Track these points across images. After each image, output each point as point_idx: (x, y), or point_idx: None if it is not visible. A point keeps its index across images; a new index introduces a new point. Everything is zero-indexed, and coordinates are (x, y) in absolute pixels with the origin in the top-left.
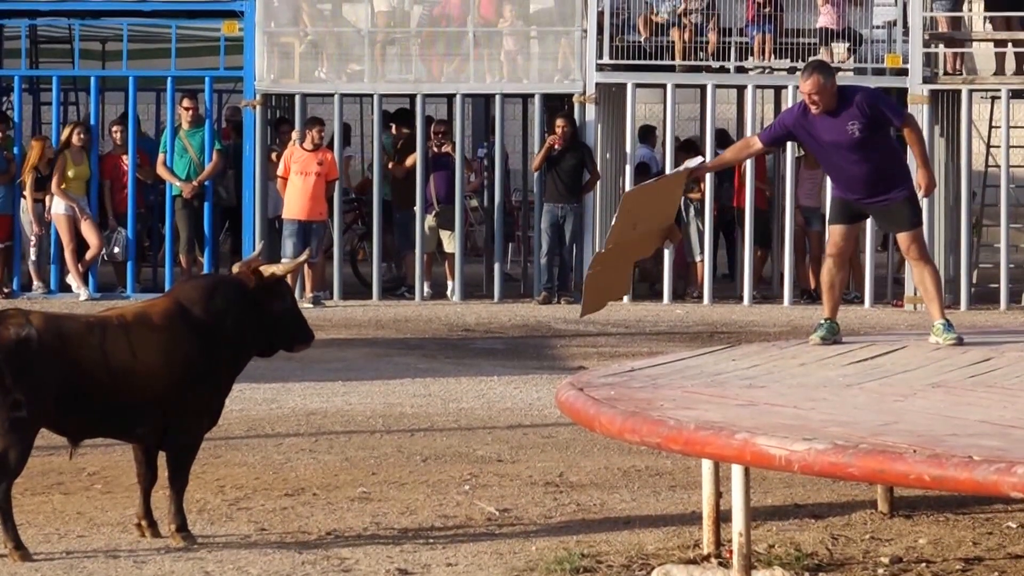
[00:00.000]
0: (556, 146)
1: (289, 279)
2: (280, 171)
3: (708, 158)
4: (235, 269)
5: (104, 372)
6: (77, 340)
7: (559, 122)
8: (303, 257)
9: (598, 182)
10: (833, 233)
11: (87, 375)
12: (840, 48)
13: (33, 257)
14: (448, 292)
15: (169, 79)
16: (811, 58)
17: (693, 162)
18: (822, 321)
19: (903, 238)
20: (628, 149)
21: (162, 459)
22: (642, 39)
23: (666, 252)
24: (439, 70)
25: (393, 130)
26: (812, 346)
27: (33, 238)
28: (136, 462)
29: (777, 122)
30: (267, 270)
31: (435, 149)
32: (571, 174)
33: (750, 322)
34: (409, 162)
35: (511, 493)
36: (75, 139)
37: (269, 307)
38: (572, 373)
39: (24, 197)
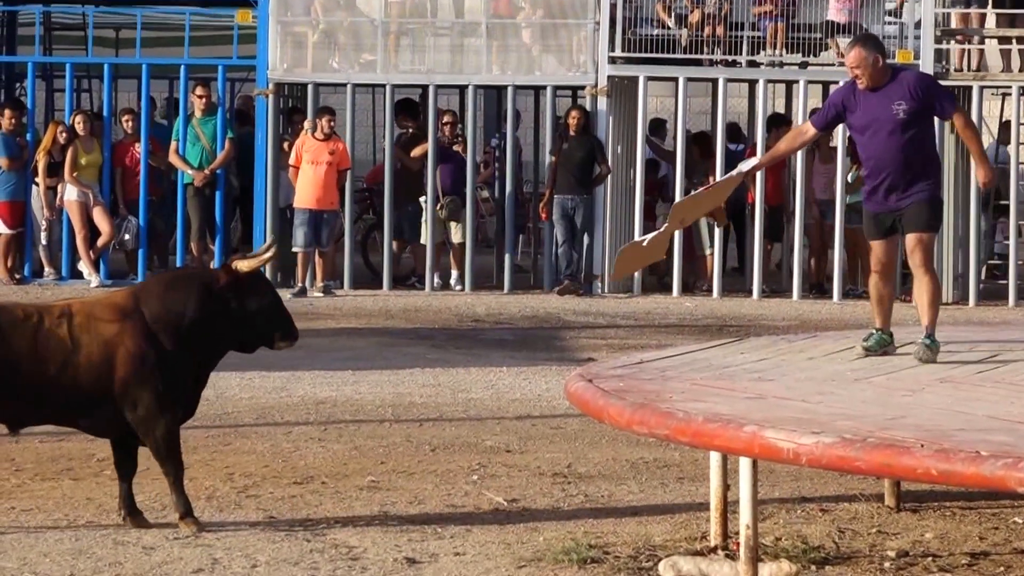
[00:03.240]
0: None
1: (305, 272)
2: (292, 160)
3: (718, 156)
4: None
5: (35, 362)
6: (8, 329)
7: (573, 112)
8: (269, 254)
9: (609, 175)
10: (875, 249)
11: (15, 364)
12: (846, 43)
13: (44, 243)
14: (451, 281)
15: (182, 67)
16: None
17: (747, 164)
18: (873, 331)
19: (911, 239)
20: (639, 142)
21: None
22: (656, 32)
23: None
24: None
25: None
26: (856, 355)
27: (44, 223)
28: (112, 450)
29: (827, 103)
30: (240, 266)
31: (444, 142)
32: (582, 166)
33: (759, 315)
34: (418, 152)
35: (519, 483)
36: (78, 127)
37: (242, 303)
38: (581, 364)
39: (36, 184)
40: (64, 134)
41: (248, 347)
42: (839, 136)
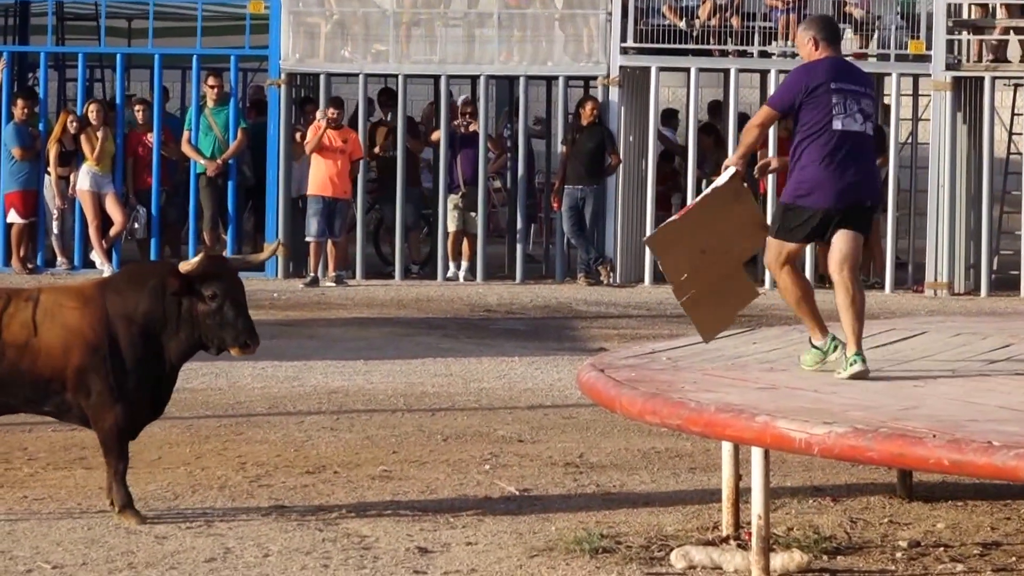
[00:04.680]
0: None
1: (317, 262)
2: (307, 140)
3: (731, 146)
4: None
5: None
6: None
7: (587, 104)
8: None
9: (620, 165)
10: None
11: None
12: (850, 33)
13: (56, 232)
14: (451, 273)
15: (195, 57)
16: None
17: (723, 178)
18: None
19: None
20: (651, 132)
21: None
22: (668, 23)
23: None
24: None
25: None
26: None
27: (56, 212)
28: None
29: None
30: (181, 267)
31: (463, 129)
32: (591, 156)
33: (770, 306)
34: (434, 138)
35: (531, 473)
36: (92, 116)
37: (194, 305)
38: (593, 354)
39: (48, 173)
40: (75, 124)
41: (208, 349)
42: None
